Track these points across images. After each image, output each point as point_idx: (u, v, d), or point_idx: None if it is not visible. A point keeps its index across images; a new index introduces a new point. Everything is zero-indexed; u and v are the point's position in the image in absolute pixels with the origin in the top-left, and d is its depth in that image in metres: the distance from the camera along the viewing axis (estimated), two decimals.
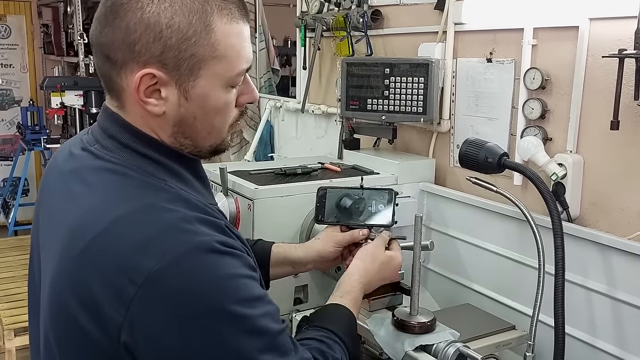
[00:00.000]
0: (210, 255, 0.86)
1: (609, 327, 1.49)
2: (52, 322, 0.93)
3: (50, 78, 4.96)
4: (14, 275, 3.58)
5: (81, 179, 0.95)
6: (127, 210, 0.87)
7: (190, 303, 0.83)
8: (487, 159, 1.54)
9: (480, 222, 1.82)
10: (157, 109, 0.94)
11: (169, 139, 0.98)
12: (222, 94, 0.97)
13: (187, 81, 0.93)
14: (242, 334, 0.87)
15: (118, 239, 0.85)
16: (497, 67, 1.84)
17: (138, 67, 0.91)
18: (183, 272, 0.83)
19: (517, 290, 1.72)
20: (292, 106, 2.91)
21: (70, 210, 0.93)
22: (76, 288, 0.87)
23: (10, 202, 5.59)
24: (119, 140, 0.96)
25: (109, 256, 0.85)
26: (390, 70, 1.99)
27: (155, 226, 0.86)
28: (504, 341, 1.50)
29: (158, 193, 0.91)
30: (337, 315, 1.19)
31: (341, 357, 1.09)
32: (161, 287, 0.82)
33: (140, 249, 0.84)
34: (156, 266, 0.82)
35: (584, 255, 1.53)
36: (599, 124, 1.55)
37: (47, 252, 0.97)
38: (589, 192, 1.60)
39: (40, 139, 5.12)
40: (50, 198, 1.03)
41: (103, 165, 0.94)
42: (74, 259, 0.88)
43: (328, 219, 1.43)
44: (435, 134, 2.08)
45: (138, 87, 0.92)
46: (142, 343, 0.84)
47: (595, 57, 1.55)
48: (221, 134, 1.01)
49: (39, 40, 6.40)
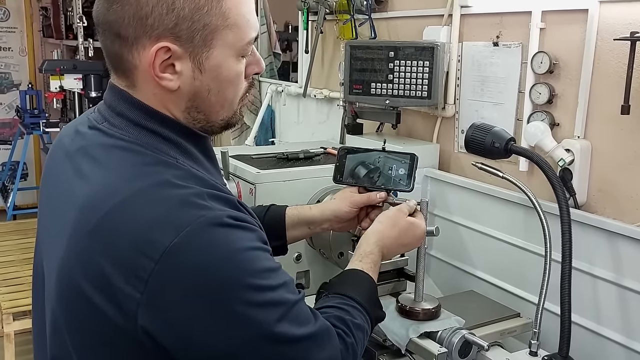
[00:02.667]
0: (225, 229, 0.85)
1: (615, 315, 1.47)
2: (61, 304, 0.91)
3: (49, 61, 4.92)
4: (13, 260, 3.56)
5: (90, 157, 0.93)
6: (139, 187, 0.86)
7: (206, 276, 0.83)
8: (493, 144, 1.52)
9: (484, 208, 1.80)
10: (172, 84, 0.92)
11: (182, 115, 0.97)
12: (234, 64, 0.96)
13: (201, 53, 0.92)
14: (258, 305, 0.86)
15: (131, 216, 0.84)
16: (504, 51, 1.80)
17: (151, 42, 0.89)
18: (199, 245, 0.83)
19: (521, 278, 1.70)
20: (293, 90, 2.88)
21: (79, 189, 0.91)
22: (89, 267, 0.86)
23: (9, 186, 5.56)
24: (129, 118, 0.94)
25: (123, 233, 0.84)
26: (394, 54, 1.96)
27: (168, 202, 0.85)
28: (508, 328, 1.49)
29: (169, 170, 0.90)
30: (356, 281, 1.16)
31: (362, 322, 1.07)
32: (178, 262, 0.82)
33: (154, 225, 0.83)
34: (172, 241, 0.82)
35: (591, 242, 1.50)
36: (607, 109, 1.53)
37: (54, 231, 0.96)
38: (596, 179, 1.58)
39: (39, 122, 5.08)
40: (56, 178, 1.01)
41: (113, 143, 0.93)
42: (85, 237, 0.86)
43: (346, 180, 1.40)
44: (439, 118, 2.05)
45: (153, 63, 0.90)
46: (159, 318, 0.83)
47: (605, 40, 1.52)
48: (233, 106, 1.00)
49: (38, 24, 6.34)
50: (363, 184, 1.37)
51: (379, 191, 1.36)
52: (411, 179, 1.36)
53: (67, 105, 5.46)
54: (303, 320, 0.92)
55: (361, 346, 1.05)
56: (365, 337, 1.08)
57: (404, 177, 1.36)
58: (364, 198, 1.37)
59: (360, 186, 1.38)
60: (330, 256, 1.72)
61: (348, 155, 1.41)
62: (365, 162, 1.39)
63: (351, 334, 1.02)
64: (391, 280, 1.51)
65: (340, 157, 1.41)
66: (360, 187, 1.38)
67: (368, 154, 1.40)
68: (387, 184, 1.37)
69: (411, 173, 1.36)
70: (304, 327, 0.91)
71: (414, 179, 1.36)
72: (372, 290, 1.17)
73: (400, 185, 1.36)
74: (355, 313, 1.07)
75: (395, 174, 1.36)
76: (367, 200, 1.37)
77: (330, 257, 1.71)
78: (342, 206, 1.37)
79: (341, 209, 1.37)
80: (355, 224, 1.41)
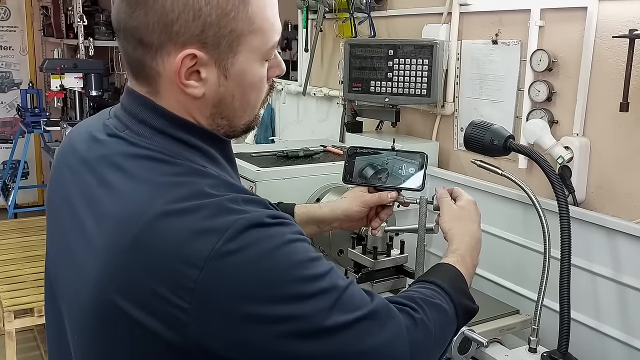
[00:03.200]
0: (265, 228, 0.84)
1: (614, 311, 1.48)
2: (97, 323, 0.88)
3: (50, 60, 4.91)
4: (14, 257, 3.56)
5: (116, 167, 0.90)
6: (174, 197, 0.84)
7: (254, 275, 0.81)
8: (492, 141, 1.52)
9: (483, 205, 1.77)
10: (197, 91, 0.90)
11: (206, 121, 0.95)
12: (258, 69, 0.94)
13: (227, 59, 0.90)
14: (310, 295, 0.84)
15: (170, 228, 0.82)
16: (503, 49, 1.81)
17: (176, 49, 0.87)
18: (241, 247, 0.81)
19: (520, 275, 1.70)
20: (293, 89, 2.88)
21: (108, 200, 0.88)
22: (130, 284, 0.83)
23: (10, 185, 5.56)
24: (153, 126, 0.92)
25: (164, 246, 0.81)
26: (394, 52, 1.96)
27: (205, 211, 0.83)
28: (507, 325, 1.49)
29: (204, 179, 0.88)
30: (437, 269, 1.12)
31: (437, 301, 1.01)
32: (223, 266, 0.80)
33: (194, 234, 0.81)
34: (215, 246, 0.80)
35: (590, 239, 1.51)
36: (606, 107, 1.53)
37: (78, 243, 0.92)
38: (595, 176, 1.58)
39: (40, 121, 5.07)
40: (73, 186, 0.97)
41: (138, 152, 0.90)
42: (123, 253, 0.83)
43: (356, 180, 1.39)
44: (438, 116, 2.06)
45: (179, 70, 0.88)
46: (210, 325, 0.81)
47: (604, 38, 1.52)
48: (255, 110, 0.99)
49: (39, 23, 6.34)
50: (373, 184, 1.37)
51: (389, 191, 1.35)
52: (422, 178, 1.35)
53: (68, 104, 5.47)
54: (358, 302, 0.89)
55: (438, 325, 0.98)
56: (445, 317, 1.01)
57: (414, 176, 1.35)
58: (374, 198, 1.36)
59: (371, 185, 1.37)
60: (330, 253, 1.72)
61: (357, 154, 1.40)
62: (374, 158, 1.39)
63: (421, 310, 0.96)
64: (390, 277, 1.52)
65: (350, 156, 1.41)
66: (370, 186, 1.38)
67: (377, 155, 1.39)
68: (397, 182, 1.36)
69: (422, 172, 1.36)
70: (359, 310, 0.88)
71: (425, 177, 1.36)
72: (455, 276, 1.10)
73: (410, 184, 1.35)
74: (429, 292, 1.02)
75: (406, 173, 1.36)
76: (378, 200, 1.36)
77: (330, 254, 1.72)
78: (353, 205, 1.36)
79: (352, 209, 1.36)
80: (365, 223, 1.41)
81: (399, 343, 0.91)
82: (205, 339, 0.82)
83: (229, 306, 0.81)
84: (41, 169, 6.37)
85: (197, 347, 0.82)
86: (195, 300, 0.80)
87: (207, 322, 0.81)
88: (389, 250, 1.57)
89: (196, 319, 0.80)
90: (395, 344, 0.91)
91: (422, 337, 0.95)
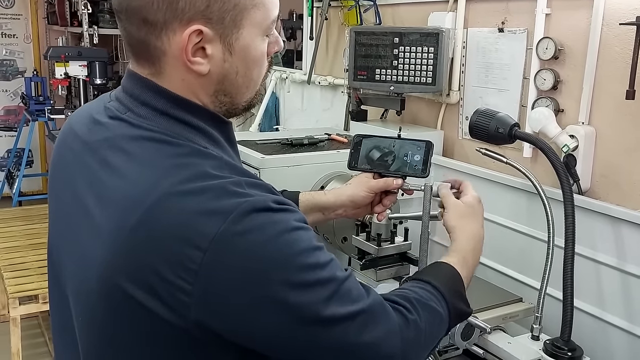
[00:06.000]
0: (269, 213, 0.84)
1: (618, 300, 1.48)
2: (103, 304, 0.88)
3: (54, 48, 4.90)
4: (19, 245, 3.57)
5: (118, 149, 0.91)
6: (179, 180, 0.84)
7: (256, 259, 0.82)
8: (497, 129, 1.51)
9: (488, 194, 1.79)
10: (203, 68, 0.91)
11: (209, 99, 0.95)
12: (260, 44, 0.95)
13: (231, 34, 0.90)
14: (310, 284, 0.85)
15: (174, 209, 0.82)
16: (509, 37, 1.80)
17: (182, 26, 0.87)
18: (245, 230, 0.81)
19: (524, 263, 1.71)
20: (298, 77, 2.87)
21: (111, 182, 0.89)
22: (134, 266, 0.83)
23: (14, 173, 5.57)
24: (155, 107, 0.92)
25: (167, 227, 0.82)
26: (399, 40, 1.96)
27: (209, 192, 0.83)
28: (510, 313, 1.50)
29: (206, 160, 0.88)
30: (434, 268, 1.12)
31: (431, 303, 1.01)
32: (226, 248, 0.81)
33: (198, 216, 0.81)
34: (219, 229, 0.80)
35: (594, 228, 1.51)
36: (612, 95, 1.53)
37: (82, 226, 0.93)
38: (600, 164, 1.58)
39: (45, 109, 5.07)
40: (75, 169, 0.97)
41: (140, 134, 0.90)
42: (127, 234, 0.84)
43: (361, 166, 1.39)
44: (444, 105, 2.05)
45: (186, 47, 0.88)
46: (212, 307, 0.82)
47: (611, 26, 1.51)
48: (256, 86, 0.99)
49: (43, 10, 6.32)
50: (379, 170, 1.37)
51: (395, 177, 1.35)
52: (427, 165, 1.35)
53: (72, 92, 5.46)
54: (355, 296, 0.89)
55: (428, 326, 0.99)
56: (437, 319, 1.01)
57: (419, 163, 1.35)
58: (380, 183, 1.35)
59: (376, 172, 1.38)
60: (333, 241, 1.72)
61: (363, 141, 1.40)
62: (380, 146, 1.39)
63: (414, 311, 0.97)
64: (394, 264, 1.52)
65: (355, 143, 1.41)
66: (375, 173, 1.38)
67: (383, 140, 1.40)
68: (402, 169, 1.36)
69: (427, 159, 1.35)
70: (355, 304, 0.89)
71: (430, 165, 1.36)
72: (453, 278, 1.10)
73: (415, 171, 1.36)
74: (424, 293, 1.02)
75: (411, 160, 1.36)
76: (383, 186, 1.35)
77: (334, 242, 1.72)
78: (359, 191, 1.36)
79: (358, 194, 1.36)
80: (369, 210, 1.40)
81: (392, 340, 0.92)
82: (206, 322, 0.82)
83: (231, 289, 0.82)
84: (45, 157, 6.38)
85: (198, 329, 0.83)
86: (197, 282, 0.80)
87: (209, 305, 0.81)
88: (392, 238, 1.57)
89: (198, 301, 0.81)
90: (387, 341, 0.92)
91: (413, 337, 0.96)
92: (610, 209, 1.48)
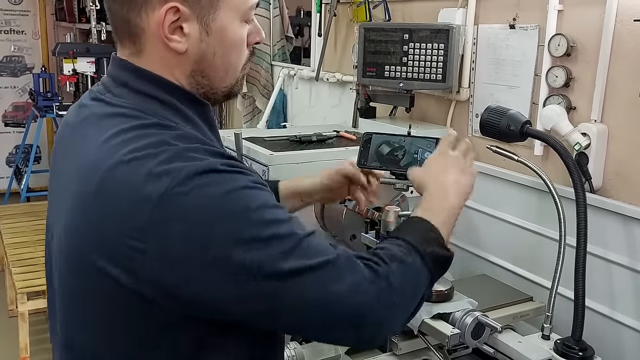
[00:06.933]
0: (218, 174, 0.86)
1: (629, 299, 1.47)
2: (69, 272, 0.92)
3: (62, 44, 4.92)
4: (27, 240, 3.60)
5: (93, 125, 0.94)
6: (134, 147, 0.87)
7: (204, 214, 0.83)
8: (509, 126, 1.50)
9: (498, 192, 1.79)
10: (181, 46, 0.94)
11: (186, 80, 0.98)
12: (238, 28, 0.99)
13: (208, 14, 0.94)
14: (264, 239, 0.84)
15: (128, 173, 0.85)
16: (520, 34, 1.78)
17: (160, 2, 0.92)
18: (192, 188, 0.83)
19: (535, 262, 1.69)
20: (306, 74, 2.86)
21: (83, 153, 0.92)
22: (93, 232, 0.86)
23: (22, 169, 5.58)
24: (131, 87, 0.96)
25: (121, 191, 0.84)
26: (409, 36, 1.94)
27: (162, 155, 0.85)
28: (521, 312, 1.49)
29: (167, 131, 0.90)
30: (398, 227, 1.11)
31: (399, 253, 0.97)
32: (173, 204, 0.82)
33: (149, 177, 0.84)
34: (167, 187, 0.83)
35: (606, 227, 1.49)
36: (625, 92, 1.51)
37: (61, 202, 0.96)
38: (612, 163, 1.56)
39: (53, 105, 5.09)
40: (63, 153, 1.02)
41: (114, 111, 0.94)
42: (88, 200, 0.87)
43: (371, 163, 1.38)
44: (453, 102, 2.04)
45: (163, 23, 0.92)
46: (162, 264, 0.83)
47: (624, 22, 1.50)
48: (236, 73, 1.02)
49: (51, 7, 6.35)
50: (388, 168, 1.36)
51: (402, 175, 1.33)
52: None
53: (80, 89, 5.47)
54: (317, 250, 0.88)
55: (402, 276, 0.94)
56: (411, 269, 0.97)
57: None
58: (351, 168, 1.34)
59: (385, 170, 1.36)
60: (342, 238, 1.71)
61: (373, 139, 1.39)
62: (390, 141, 1.38)
63: (383, 264, 0.94)
64: None
65: (365, 141, 1.40)
66: (384, 170, 1.36)
67: (392, 137, 1.38)
68: (413, 165, 1.34)
69: None
70: (318, 257, 0.87)
71: None
72: (420, 227, 1.04)
73: None
74: (392, 247, 0.99)
75: (421, 157, 1.34)
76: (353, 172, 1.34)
77: (343, 239, 1.71)
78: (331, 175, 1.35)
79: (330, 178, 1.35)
80: (345, 194, 1.39)
81: (361, 292, 0.90)
82: (160, 280, 0.84)
83: (180, 246, 0.83)
84: None
85: (153, 288, 0.84)
86: (149, 239, 0.82)
87: (162, 262, 0.83)
88: None
89: (149, 258, 0.83)
90: (357, 293, 0.89)
91: (385, 287, 0.92)
92: (622, 207, 1.47)
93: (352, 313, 0.89)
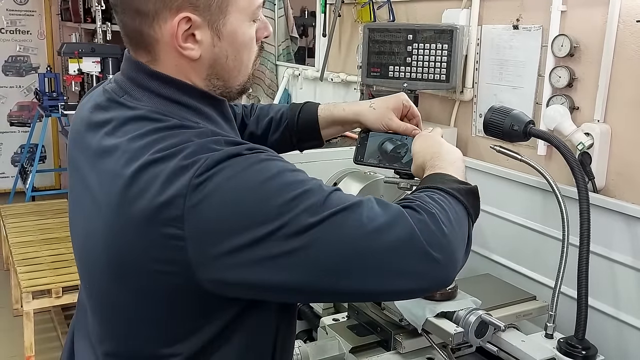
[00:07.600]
0: (241, 156, 0.88)
1: (633, 299, 1.47)
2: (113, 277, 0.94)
3: (67, 44, 4.94)
4: (32, 240, 3.61)
5: (114, 129, 0.96)
6: (157, 148, 0.89)
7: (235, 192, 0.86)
8: (512, 126, 1.51)
9: (502, 192, 1.79)
10: (194, 53, 0.97)
11: (202, 83, 1.01)
12: (248, 29, 1.01)
13: (218, 20, 0.96)
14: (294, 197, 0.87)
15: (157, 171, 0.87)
16: (524, 34, 1.79)
17: (171, 14, 0.93)
18: (221, 169, 0.86)
19: (538, 261, 1.70)
20: (310, 74, 2.87)
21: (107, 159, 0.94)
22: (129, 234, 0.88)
23: (27, 169, 5.61)
24: (150, 89, 0.98)
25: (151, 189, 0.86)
26: (413, 37, 1.95)
27: (186, 150, 0.88)
28: (524, 311, 1.49)
29: (190, 131, 0.93)
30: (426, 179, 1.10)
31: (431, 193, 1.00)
32: (205, 187, 0.85)
33: (178, 170, 0.86)
34: (195, 173, 0.85)
35: (609, 226, 1.50)
36: (628, 93, 1.51)
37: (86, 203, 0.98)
38: (615, 163, 1.57)
39: (58, 105, 5.11)
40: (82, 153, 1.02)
41: (135, 114, 0.95)
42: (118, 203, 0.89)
43: (368, 160, 1.37)
44: (457, 102, 2.05)
45: (176, 34, 0.94)
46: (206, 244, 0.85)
47: (627, 23, 1.50)
48: (247, 70, 1.05)
49: (57, 7, 6.37)
50: (386, 165, 1.35)
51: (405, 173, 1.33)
52: None
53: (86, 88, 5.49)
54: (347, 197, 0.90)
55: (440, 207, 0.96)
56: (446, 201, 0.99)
57: None
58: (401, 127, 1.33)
59: (383, 167, 1.36)
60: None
61: (370, 136, 1.38)
62: (387, 142, 1.37)
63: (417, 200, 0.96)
64: None
65: (362, 138, 1.39)
66: (382, 167, 1.36)
67: (390, 135, 1.37)
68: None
69: None
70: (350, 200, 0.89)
71: None
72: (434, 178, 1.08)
73: None
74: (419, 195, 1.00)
75: None
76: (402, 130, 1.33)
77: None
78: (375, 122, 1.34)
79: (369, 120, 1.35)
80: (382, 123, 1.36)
81: (402, 222, 0.90)
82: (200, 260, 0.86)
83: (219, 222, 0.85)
84: (58, 152, 6.42)
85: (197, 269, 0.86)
86: (186, 225, 0.85)
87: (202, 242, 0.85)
88: None
89: (191, 241, 0.85)
90: (397, 224, 0.90)
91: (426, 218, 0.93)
92: (625, 207, 1.47)
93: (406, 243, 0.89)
